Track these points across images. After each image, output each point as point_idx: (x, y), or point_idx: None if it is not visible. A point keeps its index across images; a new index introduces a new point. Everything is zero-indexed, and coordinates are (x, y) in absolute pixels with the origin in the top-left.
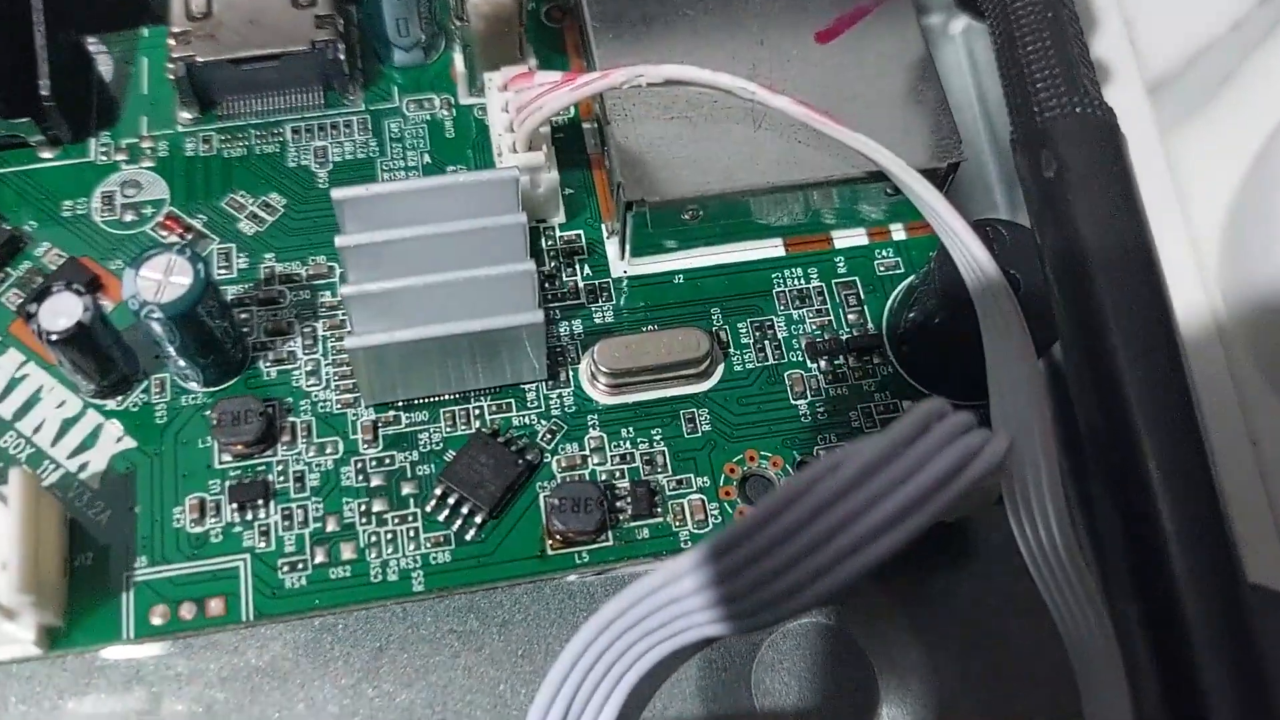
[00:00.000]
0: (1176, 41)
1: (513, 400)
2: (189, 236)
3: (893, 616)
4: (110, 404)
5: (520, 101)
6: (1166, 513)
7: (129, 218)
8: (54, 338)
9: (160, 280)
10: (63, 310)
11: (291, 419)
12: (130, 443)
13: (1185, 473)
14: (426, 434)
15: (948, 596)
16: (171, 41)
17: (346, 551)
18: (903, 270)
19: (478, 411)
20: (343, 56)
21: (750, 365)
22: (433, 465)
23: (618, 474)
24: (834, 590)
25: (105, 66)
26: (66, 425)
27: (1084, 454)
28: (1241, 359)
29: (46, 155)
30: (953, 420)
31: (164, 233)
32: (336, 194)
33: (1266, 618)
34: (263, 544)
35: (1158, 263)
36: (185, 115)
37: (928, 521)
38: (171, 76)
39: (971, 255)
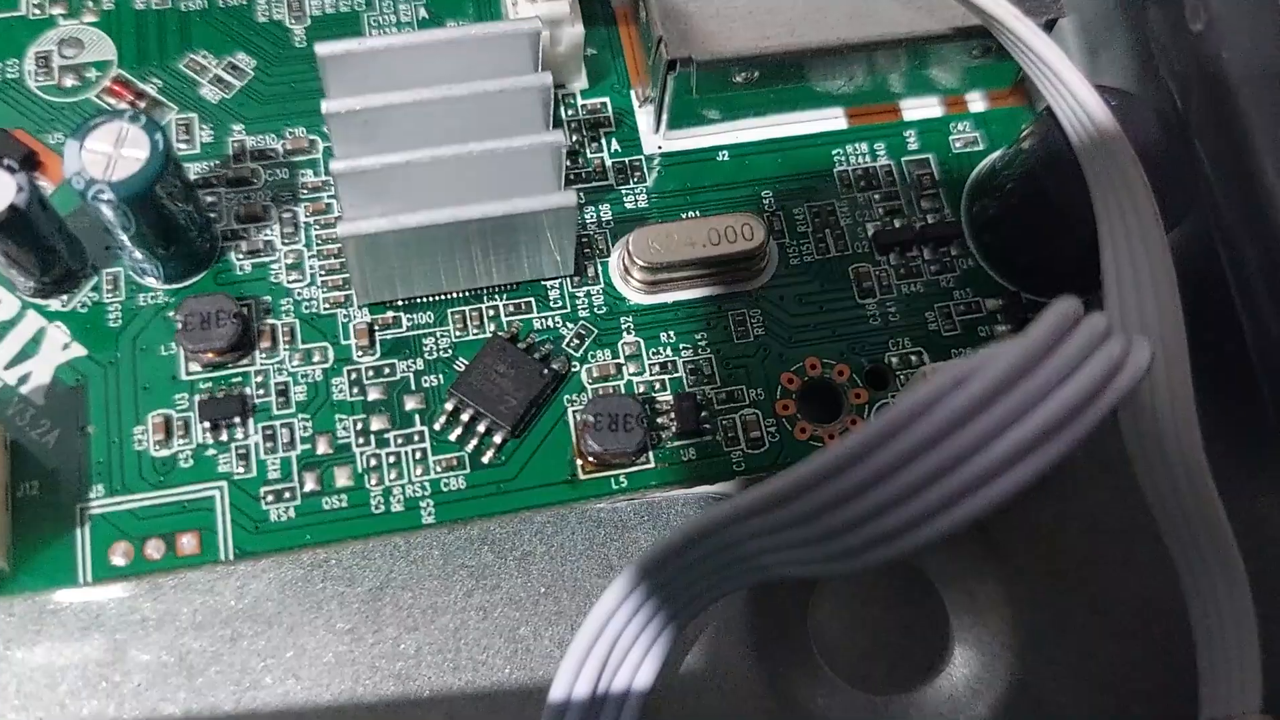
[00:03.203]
0: None
1: (532, 299)
2: (142, 104)
3: (967, 545)
4: (54, 304)
5: None
6: None
7: (69, 82)
8: None
9: (110, 154)
10: None
11: (271, 321)
12: (79, 350)
13: None
14: (432, 339)
15: (1028, 523)
16: None
17: (341, 478)
18: (982, 146)
19: (492, 312)
20: None
21: (809, 258)
22: (441, 375)
23: (657, 385)
24: (954, 529)
25: None
26: (2, 330)
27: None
28: None
29: None
30: (1090, 325)
31: (112, 100)
32: (322, 49)
33: None
34: (241, 469)
35: None
36: None
37: (1070, 448)
38: None
39: (1090, 120)
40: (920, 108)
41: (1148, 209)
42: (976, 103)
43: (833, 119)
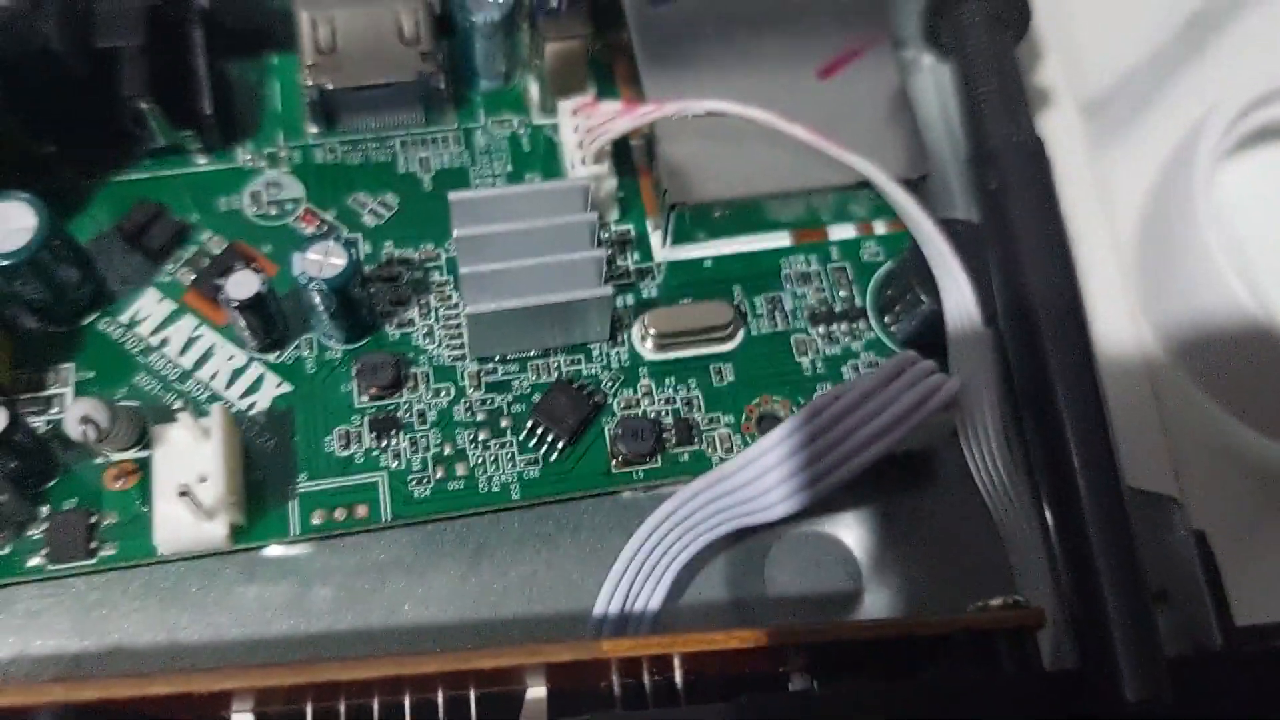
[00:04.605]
0: (1107, 66)
1: (582, 356)
2: (324, 227)
3: (876, 525)
4: (270, 357)
5: (589, 125)
6: (1073, 437)
7: (273, 212)
8: (238, 304)
9: (321, 260)
10: (244, 283)
11: (413, 369)
12: (288, 387)
13: (1084, 411)
14: (518, 381)
15: (918, 510)
16: (306, 72)
17: (460, 469)
18: (883, 257)
19: (555, 365)
20: (443, 85)
21: (764, 330)
22: (524, 405)
23: (664, 413)
24: (838, 486)
25: (241, 88)
26: (236, 374)
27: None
28: (1152, 344)
29: (201, 161)
30: (919, 366)
31: (304, 224)
32: (453, 196)
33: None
34: (395, 464)
35: (1071, 255)
36: (313, 129)
37: (903, 436)
38: (307, 99)
39: (936, 246)
40: (842, 231)
41: (970, 299)
42: (880, 228)
43: (781, 239)
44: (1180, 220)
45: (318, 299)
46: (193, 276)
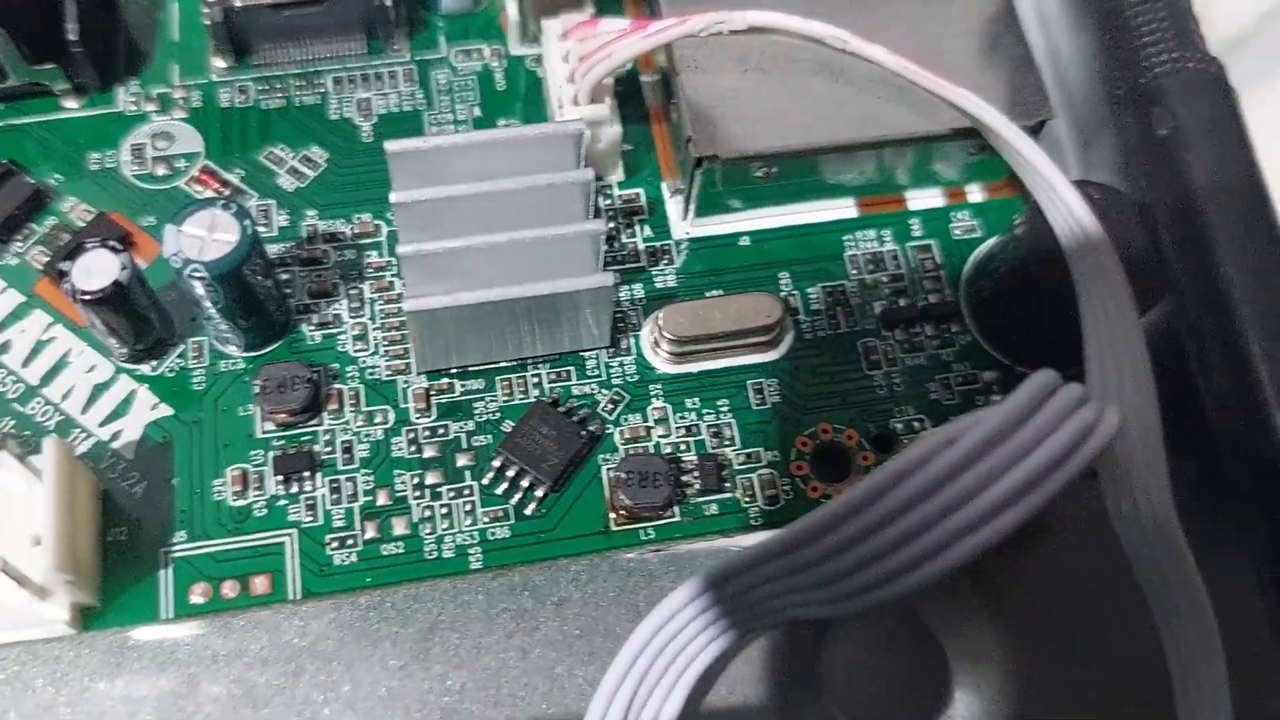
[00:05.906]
0: (1245, 3)
1: (572, 368)
2: (226, 192)
3: (965, 597)
4: (144, 369)
5: (584, 50)
6: None
7: (160, 171)
8: (88, 298)
9: (204, 237)
10: (98, 269)
11: (338, 386)
12: (166, 410)
13: None
14: (482, 403)
15: (1022, 576)
16: None
17: (399, 527)
18: (980, 233)
19: (535, 380)
20: (389, 2)
21: (821, 333)
22: (490, 436)
23: (683, 446)
24: (943, 574)
25: (131, 12)
26: (97, 391)
27: (1182, 424)
28: None
29: (71, 105)
30: (1065, 394)
31: (199, 188)
32: (390, 146)
33: None
34: (309, 518)
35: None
36: (219, 63)
37: (1045, 501)
38: (207, 22)
39: (1072, 215)
40: (924, 198)
41: (1123, 294)
42: (975, 194)
43: (844, 208)
44: None
45: (200, 289)
46: (47, 258)
